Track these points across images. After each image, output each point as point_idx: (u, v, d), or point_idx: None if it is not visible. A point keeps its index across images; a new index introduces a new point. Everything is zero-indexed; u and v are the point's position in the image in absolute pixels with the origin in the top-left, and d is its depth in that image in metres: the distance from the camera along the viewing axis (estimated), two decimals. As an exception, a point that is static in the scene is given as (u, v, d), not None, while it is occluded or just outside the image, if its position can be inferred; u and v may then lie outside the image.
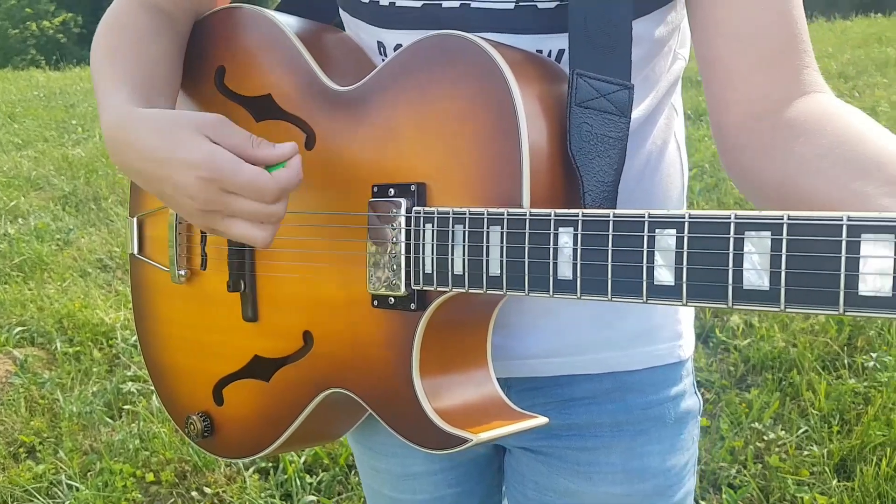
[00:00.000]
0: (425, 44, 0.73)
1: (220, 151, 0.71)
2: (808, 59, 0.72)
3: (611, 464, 0.92)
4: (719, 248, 0.53)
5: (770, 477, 2.26)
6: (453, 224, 0.69)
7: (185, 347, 0.98)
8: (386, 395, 0.77)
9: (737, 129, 0.73)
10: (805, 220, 0.49)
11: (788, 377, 2.66)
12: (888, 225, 0.46)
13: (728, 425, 2.45)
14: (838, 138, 0.63)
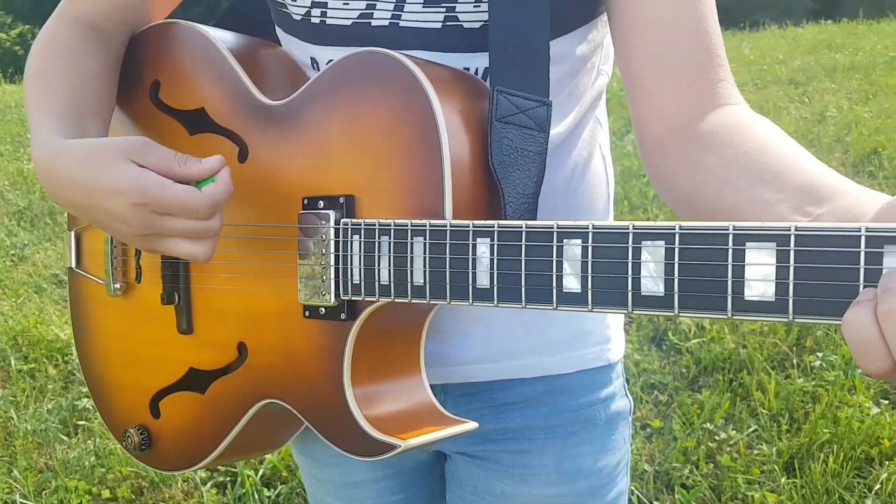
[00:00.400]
0: (352, 60, 0.75)
1: (146, 175, 0.73)
2: (722, 72, 0.75)
3: (544, 465, 0.94)
4: (619, 256, 0.55)
5: (722, 476, 2.31)
6: (379, 235, 0.71)
7: (122, 361, 0.98)
8: (318, 404, 0.78)
9: (656, 143, 0.76)
10: (695, 229, 0.52)
11: (739, 378, 2.72)
12: (770, 234, 0.49)
13: (680, 426, 2.50)
14: (744, 149, 0.67)
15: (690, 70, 0.74)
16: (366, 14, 0.80)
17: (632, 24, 0.76)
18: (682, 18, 0.74)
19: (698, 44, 0.74)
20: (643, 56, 0.76)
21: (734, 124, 0.70)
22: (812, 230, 0.47)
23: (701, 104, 0.73)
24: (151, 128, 0.92)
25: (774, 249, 0.49)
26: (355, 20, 0.81)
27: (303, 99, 0.80)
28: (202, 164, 0.75)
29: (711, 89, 0.74)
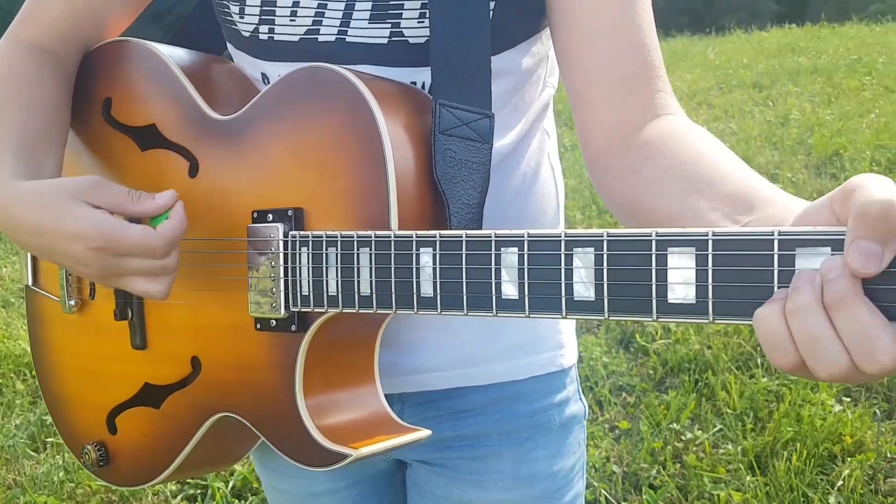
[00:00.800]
0: (297, 76, 0.77)
1: (102, 218, 0.74)
2: (660, 83, 0.78)
3: (500, 471, 0.95)
4: (553, 263, 0.57)
5: (688, 476, 2.34)
6: (327, 247, 0.72)
7: (78, 377, 0.98)
8: (271, 416, 0.79)
9: (599, 153, 0.79)
10: (621, 236, 0.54)
11: (704, 378, 2.76)
12: (689, 239, 0.51)
13: (648, 427, 2.53)
14: (680, 159, 0.69)
15: (630, 83, 0.76)
16: (312, 30, 0.82)
17: (573, 39, 0.78)
18: (621, 33, 0.77)
19: (637, 57, 0.77)
20: (585, 70, 0.78)
21: (671, 135, 0.73)
22: (728, 234, 0.49)
23: (641, 115, 0.75)
24: (104, 144, 0.93)
25: (694, 254, 0.51)
26: (303, 36, 0.82)
27: (251, 114, 0.81)
28: (155, 201, 0.76)
29: (650, 100, 0.76)
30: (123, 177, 0.91)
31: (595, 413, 2.68)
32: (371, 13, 0.80)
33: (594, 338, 3.11)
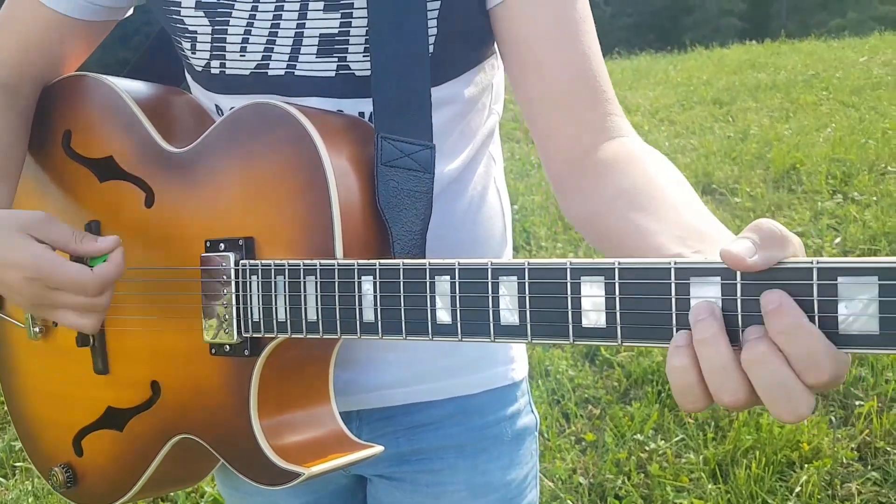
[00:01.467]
0: (244, 111, 0.81)
1: (42, 252, 0.78)
2: (610, 107, 0.83)
3: (456, 482, 0.99)
4: (481, 291, 0.62)
5: (652, 485, 2.39)
6: (275, 275, 0.76)
7: (45, 401, 1.01)
8: (228, 437, 0.83)
9: (559, 175, 0.84)
10: (540, 265, 0.59)
11: (667, 389, 2.82)
12: (599, 268, 0.56)
13: (613, 438, 2.58)
14: (630, 180, 0.74)
15: (581, 109, 0.81)
16: (262, 64, 0.86)
17: (525, 72, 0.83)
18: (570, 62, 0.81)
19: (586, 84, 0.81)
20: (538, 100, 0.83)
21: (624, 157, 0.77)
22: (631, 264, 0.54)
23: (594, 138, 0.80)
24: (63, 176, 0.96)
25: (603, 282, 0.56)
26: (253, 70, 0.86)
27: (203, 147, 0.85)
28: (97, 244, 0.81)
29: (602, 124, 0.81)
30: (83, 206, 0.94)
31: (562, 425, 2.73)
32: (318, 48, 0.84)
33: (560, 352, 3.16)
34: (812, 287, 0.49)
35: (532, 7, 0.81)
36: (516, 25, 0.82)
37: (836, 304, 0.48)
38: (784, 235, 0.50)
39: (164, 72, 1.02)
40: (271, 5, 0.83)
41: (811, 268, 0.49)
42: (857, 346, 0.48)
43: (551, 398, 2.85)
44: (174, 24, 0.88)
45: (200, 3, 0.85)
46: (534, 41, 0.81)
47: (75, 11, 0.94)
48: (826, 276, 0.48)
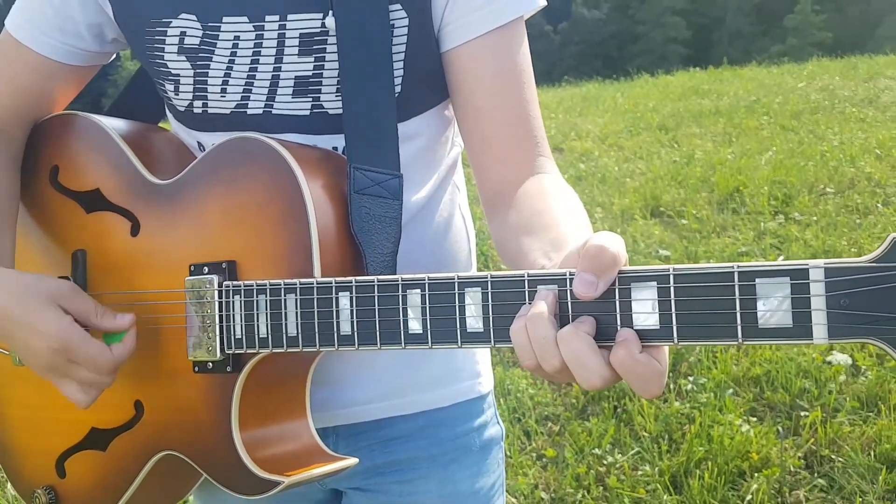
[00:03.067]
0: (228, 145, 0.87)
1: (71, 328, 0.85)
2: (539, 148, 0.92)
3: (428, 492, 1.05)
4: (449, 301, 0.69)
5: (611, 498, 2.47)
6: (257, 294, 0.82)
7: (27, 426, 1.04)
8: (210, 451, 0.88)
9: (488, 204, 0.93)
10: (501, 277, 0.66)
11: (622, 404, 2.92)
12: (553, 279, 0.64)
13: (572, 454, 2.66)
14: (531, 209, 0.84)
15: (512, 150, 0.91)
16: (241, 104, 0.93)
17: (469, 116, 0.93)
18: (508, 109, 0.91)
19: (520, 128, 0.91)
20: (479, 139, 0.92)
21: (534, 191, 0.87)
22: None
23: (519, 175, 0.90)
24: (51, 208, 1.01)
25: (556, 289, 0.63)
26: (233, 109, 0.93)
27: (187, 178, 0.91)
28: (115, 321, 0.88)
29: (531, 164, 0.91)
30: (69, 237, 0.99)
31: (523, 443, 2.79)
32: (293, 89, 0.91)
33: (521, 371, 3.24)
34: (734, 288, 0.57)
35: (480, 57, 0.90)
36: (464, 71, 0.91)
37: (755, 301, 0.56)
38: (613, 254, 0.61)
39: (143, 110, 1.08)
40: (249, 51, 0.90)
41: (732, 271, 0.57)
42: (776, 337, 0.56)
43: (512, 416, 2.92)
44: (157, 68, 0.94)
45: (183, 49, 0.91)
46: (479, 87, 0.91)
47: (63, 56, 0.99)
48: (745, 278, 0.57)
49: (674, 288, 0.60)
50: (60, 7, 0.97)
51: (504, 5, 0.91)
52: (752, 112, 7.63)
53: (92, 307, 0.89)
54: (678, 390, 2.99)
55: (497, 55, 0.91)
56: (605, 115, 8.56)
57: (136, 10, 0.94)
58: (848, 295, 0.54)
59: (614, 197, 5.28)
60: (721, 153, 6.17)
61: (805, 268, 0.55)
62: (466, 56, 0.91)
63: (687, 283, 0.59)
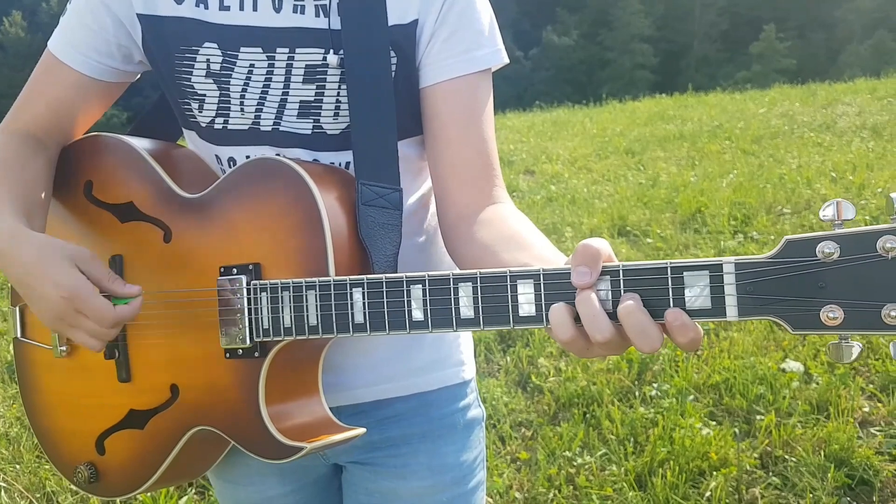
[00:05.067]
0: (251, 165, 1.03)
1: (82, 281, 0.97)
2: (496, 180, 1.10)
3: (418, 464, 1.21)
4: (446, 294, 0.86)
5: (580, 496, 2.64)
6: (281, 291, 0.98)
7: (66, 411, 1.18)
8: (240, 424, 1.03)
9: (450, 228, 1.10)
10: (488, 274, 0.83)
11: (591, 410, 3.10)
12: (529, 274, 0.81)
13: (544, 456, 2.82)
14: (505, 231, 1.01)
15: (474, 179, 1.09)
16: (255, 121, 1.09)
17: (437, 145, 1.10)
18: (470, 142, 1.09)
19: (480, 160, 1.09)
20: (444, 166, 1.10)
21: (500, 216, 1.05)
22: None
23: (481, 202, 1.07)
24: (88, 220, 1.15)
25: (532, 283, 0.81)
26: (250, 125, 1.09)
27: (214, 193, 1.06)
28: (125, 288, 1.01)
29: (489, 192, 1.09)
30: (106, 244, 1.13)
31: (498, 447, 2.95)
32: (298, 111, 1.08)
33: (495, 380, 3.40)
34: (668, 279, 0.75)
35: (450, 97, 1.08)
36: (436, 108, 1.09)
37: (684, 290, 0.74)
38: (597, 249, 0.77)
39: (161, 132, 1.24)
40: (262, 76, 1.07)
41: (666, 266, 0.75)
42: (701, 317, 0.74)
43: (488, 422, 3.08)
44: (184, 89, 1.10)
45: (210, 73, 1.08)
46: (447, 123, 1.08)
47: (96, 73, 1.14)
48: (676, 272, 0.74)
49: (623, 280, 0.77)
50: (96, 30, 1.12)
51: (476, 56, 1.10)
52: (715, 137, 7.94)
53: (105, 273, 0.99)
54: (643, 397, 3.18)
55: (467, 96, 1.09)
56: (574, 139, 8.84)
57: (165, 39, 1.09)
58: (752, 283, 0.72)
59: (583, 217, 5.51)
60: (685, 176, 6.44)
61: (720, 263, 0.73)
62: (441, 92, 1.09)
63: (633, 276, 0.77)
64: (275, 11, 1.06)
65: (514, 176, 7.02)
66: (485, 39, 1.11)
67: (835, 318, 0.69)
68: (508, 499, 2.65)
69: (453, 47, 1.09)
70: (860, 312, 0.69)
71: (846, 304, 0.69)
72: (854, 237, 0.69)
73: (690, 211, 5.33)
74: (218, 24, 1.07)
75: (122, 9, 1.10)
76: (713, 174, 6.38)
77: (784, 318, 0.71)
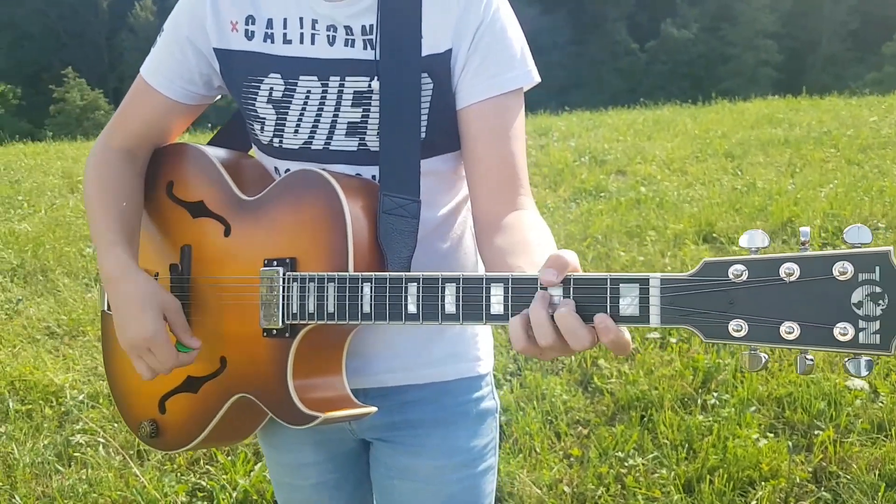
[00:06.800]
0: (295, 174, 1.21)
1: (163, 332, 1.22)
2: (522, 189, 1.24)
3: (432, 445, 1.36)
4: (435, 292, 1.01)
5: (627, 496, 2.72)
6: (308, 282, 1.16)
7: (137, 375, 1.40)
8: (270, 392, 1.21)
9: (478, 233, 1.25)
10: (470, 276, 0.98)
11: (649, 413, 3.16)
12: (500, 279, 0.95)
13: (596, 455, 2.92)
14: (516, 237, 1.14)
15: (501, 190, 1.23)
16: (308, 141, 1.27)
17: (470, 160, 1.25)
18: (499, 157, 1.23)
19: (508, 172, 1.23)
20: (474, 179, 1.25)
21: (516, 223, 1.18)
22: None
23: (506, 209, 1.21)
24: (167, 214, 1.37)
25: (502, 287, 0.95)
26: (301, 145, 1.28)
27: (265, 197, 1.25)
28: (191, 340, 1.25)
29: (514, 200, 1.22)
30: (179, 236, 1.34)
31: (553, 442, 3.07)
32: (346, 131, 1.25)
33: (557, 378, 3.51)
34: (607, 290, 0.87)
35: (480, 118, 1.23)
36: (468, 127, 1.24)
37: (619, 299, 0.86)
38: (566, 259, 0.91)
39: (237, 142, 1.44)
40: (317, 102, 1.25)
41: (606, 278, 0.87)
42: (630, 322, 0.86)
43: (545, 418, 3.20)
44: (249, 112, 1.30)
45: (270, 100, 1.26)
46: (480, 141, 1.23)
47: (180, 97, 1.36)
48: (614, 283, 0.87)
49: (573, 288, 0.90)
50: (182, 60, 1.33)
51: (506, 79, 1.23)
52: (821, 144, 7.67)
53: (183, 324, 1.24)
54: (703, 404, 3.21)
55: (496, 115, 1.23)
56: (674, 139, 8.72)
57: (237, 69, 1.29)
58: (673, 297, 0.83)
59: (669, 221, 5.49)
60: (782, 183, 6.29)
61: (647, 278, 0.85)
62: (473, 114, 1.23)
63: (581, 286, 0.90)
64: (329, 45, 1.24)
65: (603, 176, 7.03)
66: (515, 62, 1.25)
67: (740, 330, 0.80)
68: (557, 492, 2.77)
69: (484, 72, 1.23)
70: (762, 327, 0.80)
71: (751, 319, 0.80)
72: (760, 262, 0.80)
73: (782, 220, 5.23)
74: (282, 56, 1.26)
75: (202, 43, 1.30)
76: (812, 183, 6.20)
77: (698, 328, 0.83)
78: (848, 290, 0.77)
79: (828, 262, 0.77)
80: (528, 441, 3.03)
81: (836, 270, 0.77)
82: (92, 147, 1.42)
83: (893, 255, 0.77)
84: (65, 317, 4.58)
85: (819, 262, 0.78)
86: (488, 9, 1.23)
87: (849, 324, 0.76)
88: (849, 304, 0.76)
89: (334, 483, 1.47)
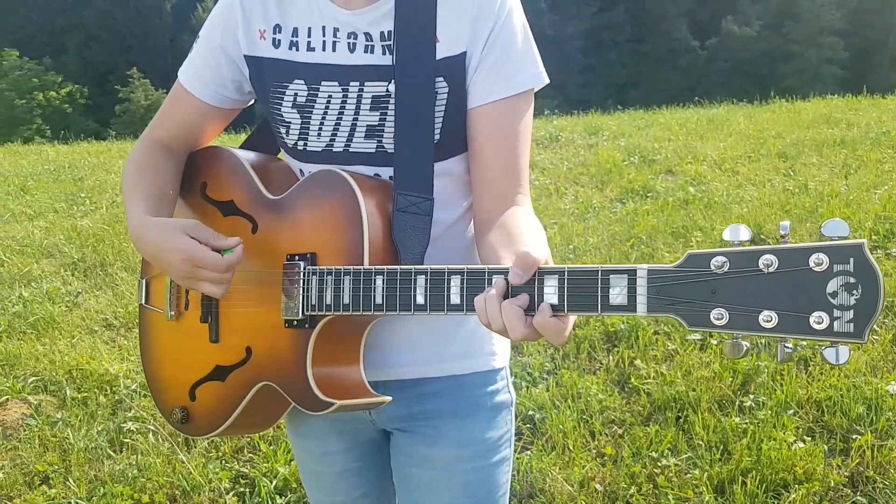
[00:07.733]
0: (316, 175, 1.28)
1: (193, 243, 1.25)
2: (520, 188, 1.29)
3: (447, 435, 1.42)
4: (442, 283, 1.06)
5: (659, 495, 2.73)
6: (327, 276, 1.22)
7: (170, 364, 1.48)
8: (291, 380, 1.28)
9: (475, 229, 1.30)
10: (473, 269, 1.03)
11: (685, 414, 3.15)
12: (499, 270, 1.00)
13: (629, 454, 2.93)
14: (504, 231, 1.20)
15: (501, 188, 1.28)
16: (329, 144, 1.34)
17: (475, 158, 1.31)
18: (505, 158, 1.28)
19: (508, 172, 1.29)
20: (479, 176, 1.31)
21: (508, 219, 1.24)
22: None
23: (503, 207, 1.27)
24: (200, 213, 1.45)
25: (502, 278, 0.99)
26: (324, 147, 1.34)
27: (289, 197, 1.32)
28: (227, 240, 1.27)
29: (513, 199, 1.28)
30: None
31: (587, 440, 3.09)
32: (365, 134, 1.31)
33: (594, 377, 3.52)
34: (597, 281, 0.91)
35: (489, 118, 1.28)
36: (480, 127, 1.29)
37: (609, 289, 0.90)
38: (534, 258, 0.97)
39: (266, 145, 1.52)
40: (338, 106, 1.31)
41: (597, 269, 0.91)
42: (619, 311, 0.90)
43: (581, 417, 3.22)
44: (275, 117, 1.37)
45: (295, 105, 1.33)
46: (484, 141, 1.28)
47: (214, 101, 1.44)
48: (605, 275, 0.91)
49: (567, 280, 0.94)
50: (215, 67, 1.41)
51: (516, 81, 1.28)
52: (878, 144, 7.45)
53: (209, 233, 1.23)
54: (740, 406, 3.19)
55: (503, 116, 1.28)
56: (727, 139, 8.58)
57: (265, 76, 1.37)
58: (659, 287, 0.87)
59: (716, 222, 5.42)
60: (835, 185, 6.14)
61: (635, 269, 0.89)
62: (483, 114, 1.28)
63: (575, 276, 0.94)
64: (349, 52, 1.30)
65: (651, 176, 6.96)
66: (527, 64, 1.30)
67: (721, 319, 0.84)
68: (589, 490, 2.79)
69: (497, 73, 1.28)
70: (742, 316, 0.83)
71: (731, 308, 0.83)
72: (741, 254, 0.83)
73: (831, 223, 5.10)
74: (305, 63, 1.33)
75: (233, 51, 1.38)
76: (866, 184, 6.04)
77: (682, 317, 0.86)
78: (823, 280, 0.79)
79: (804, 254, 0.80)
80: (561, 439, 3.06)
81: (813, 261, 0.80)
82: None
83: (867, 247, 0.79)
84: (121, 309, 4.76)
85: (796, 254, 0.81)
86: (502, 11, 1.28)
87: (824, 313, 0.79)
88: (824, 293, 0.79)
89: (357, 470, 1.53)
